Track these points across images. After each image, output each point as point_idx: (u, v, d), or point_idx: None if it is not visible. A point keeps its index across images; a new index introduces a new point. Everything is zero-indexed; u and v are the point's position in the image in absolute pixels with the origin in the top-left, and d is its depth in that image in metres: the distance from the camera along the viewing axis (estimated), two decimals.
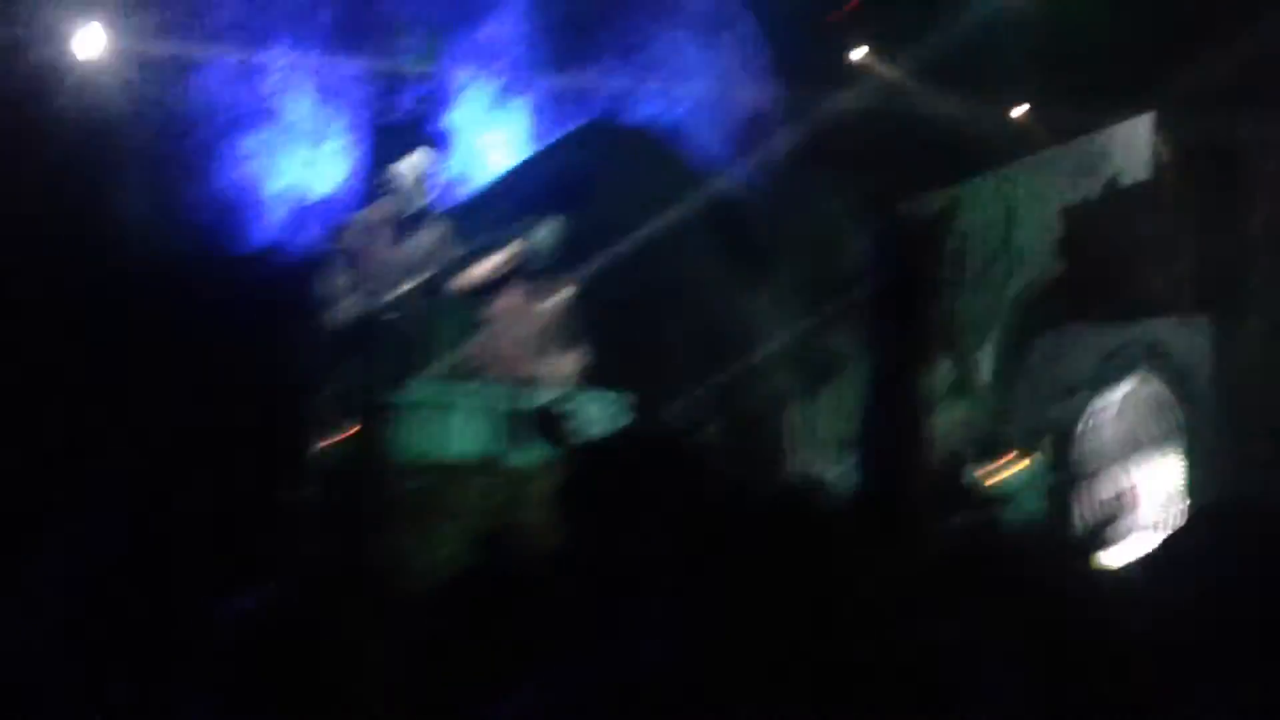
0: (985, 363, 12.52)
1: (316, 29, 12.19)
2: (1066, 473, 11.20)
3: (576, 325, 9.17)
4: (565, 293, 9.05)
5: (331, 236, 10.11)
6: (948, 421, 12.21)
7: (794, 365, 12.66)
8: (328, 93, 12.19)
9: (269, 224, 11.89)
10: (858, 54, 13.12)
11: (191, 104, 11.63)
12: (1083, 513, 11.01)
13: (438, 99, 11.96)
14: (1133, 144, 11.89)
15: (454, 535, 7.27)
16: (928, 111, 12.41)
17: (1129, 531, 10.74)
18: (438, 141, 11.57)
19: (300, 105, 12.09)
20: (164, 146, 11.01)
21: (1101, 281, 12.13)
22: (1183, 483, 11.15)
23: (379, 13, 12.20)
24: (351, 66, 12.20)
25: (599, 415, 8.47)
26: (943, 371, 12.50)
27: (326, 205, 12.00)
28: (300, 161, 12.05)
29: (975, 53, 12.56)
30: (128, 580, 4.05)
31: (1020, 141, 13.09)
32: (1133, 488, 11.50)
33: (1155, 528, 10.62)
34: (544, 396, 8.67)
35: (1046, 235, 12.52)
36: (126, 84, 10.47)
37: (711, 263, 12.59)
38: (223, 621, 2.28)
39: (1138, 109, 11.77)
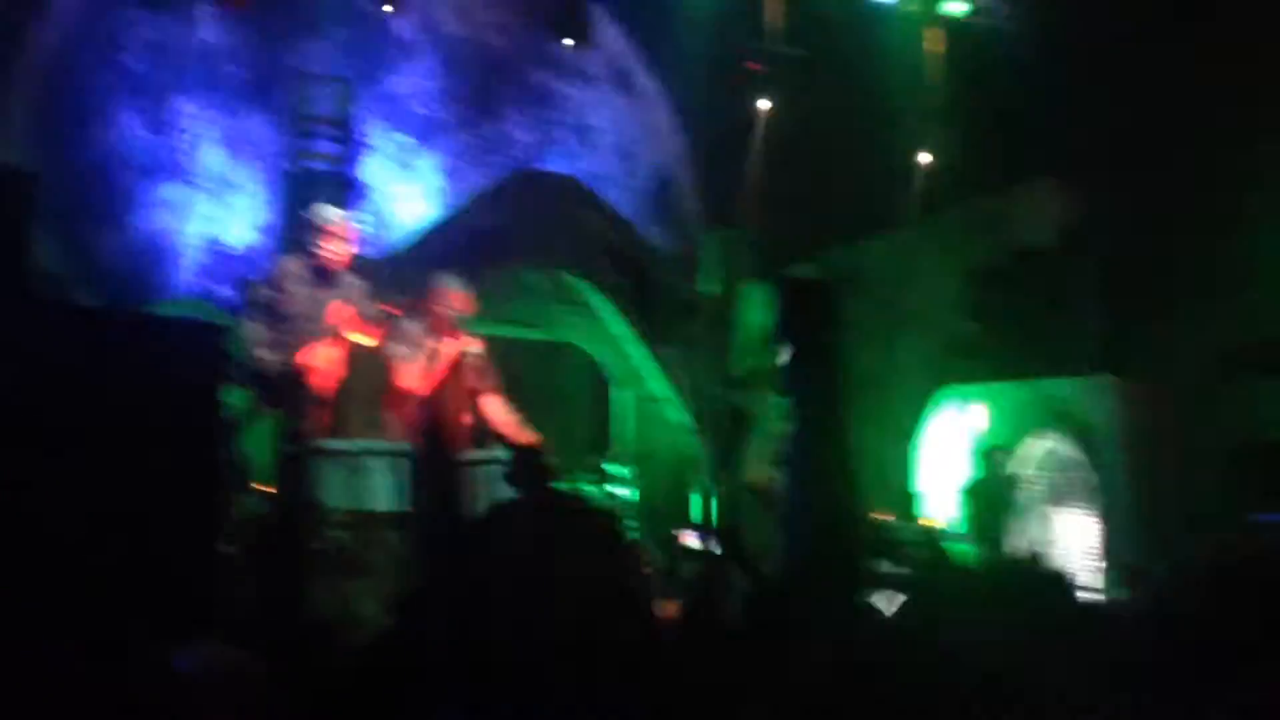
0: (891, 422, 12.63)
1: (229, 80, 12.15)
2: (976, 531, 11.32)
3: (489, 380, 9.13)
4: (477, 347, 8.99)
5: (245, 287, 10.01)
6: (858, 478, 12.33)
7: (707, 422, 12.70)
8: (240, 144, 12.13)
9: (182, 274, 11.78)
10: (759, 114, 13.27)
11: (107, 155, 11.53)
12: (996, 569, 11.10)
13: (350, 151, 11.94)
14: (1034, 205, 12.11)
15: (373, 589, 7.24)
16: (828, 171, 12.56)
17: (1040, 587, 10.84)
18: (351, 193, 11.55)
19: (213, 156, 12.02)
20: (79, 197, 10.90)
21: (1008, 342, 12.34)
22: (1095, 541, 11.32)
23: (291, 65, 12.18)
24: (264, 118, 12.17)
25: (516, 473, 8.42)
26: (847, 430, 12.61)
27: (239, 256, 11.91)
28: (213, 213, 11.97)
29: (876, 114, 12.79)
30: (54, 641, 3.97)
31: (921, 202, 13.31)
32: (1046, 544, 11.68)
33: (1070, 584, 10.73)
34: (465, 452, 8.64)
35: (951, 298, 12.67)
36: (40, 134, 10.38)
37: (622, 318, 12.62)
38: (156, 677, 2.26)
39: (1038, 171, 12.00)
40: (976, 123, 12.76)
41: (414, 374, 8.76)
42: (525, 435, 8.72)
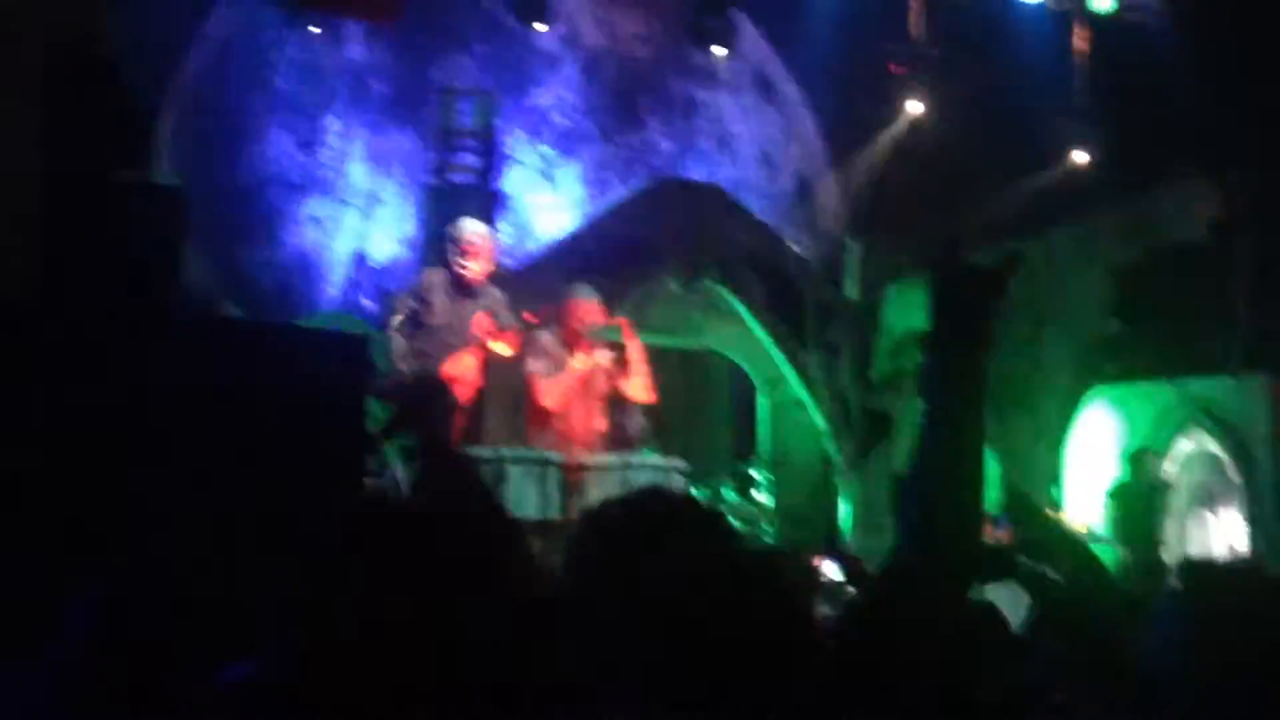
0: (1037, 424, 12.47)
1: (374, 97, 12.41)
2: (1121, 535, 11.13)
3: (631, 388, 9.23)
4: (608, 356, 9.09)
5: (388, 300, 10.24)
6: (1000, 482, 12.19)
7: (845, 427, 12.66)
8: (384, 159, 12.38)
9: (328, 288, 12.05)
10: (905, 115, 13.17)
11: (257, 173, 11.86)
12: (1138, 572, 10.93)
13: (493, 163, 12.11)
14: (1182, 205, 11.88)
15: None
16: (973, 173, 12.44)
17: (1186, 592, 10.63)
18: (493, 205, 11.71)
19: (358, 172, 12.28)
20: (230, 214, 11.22)
21: (1153, 341, 12.12)
22: (1243, 541, 11.10)
23: (435, 80, 12.40)
24: (408, 133, 12.40)
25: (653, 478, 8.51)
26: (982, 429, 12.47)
27: (383, 270, 12.16)
28: (358, 227, 12.23)
29: (1022, 115, 12.63)
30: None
31: (1069, 202, 13.11)
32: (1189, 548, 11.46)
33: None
34: (600, 458, 8.74)
35: (1096, 296, 12.48)
36: (193, 153, 10.71)
37: (763, 324, 12.64)
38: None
39: (1188, 167, 11.77)
40: (1124, 120, 12.55)
41: (550, 390, 8.90)
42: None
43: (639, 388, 9.09)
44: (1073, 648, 3.58)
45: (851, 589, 9.24)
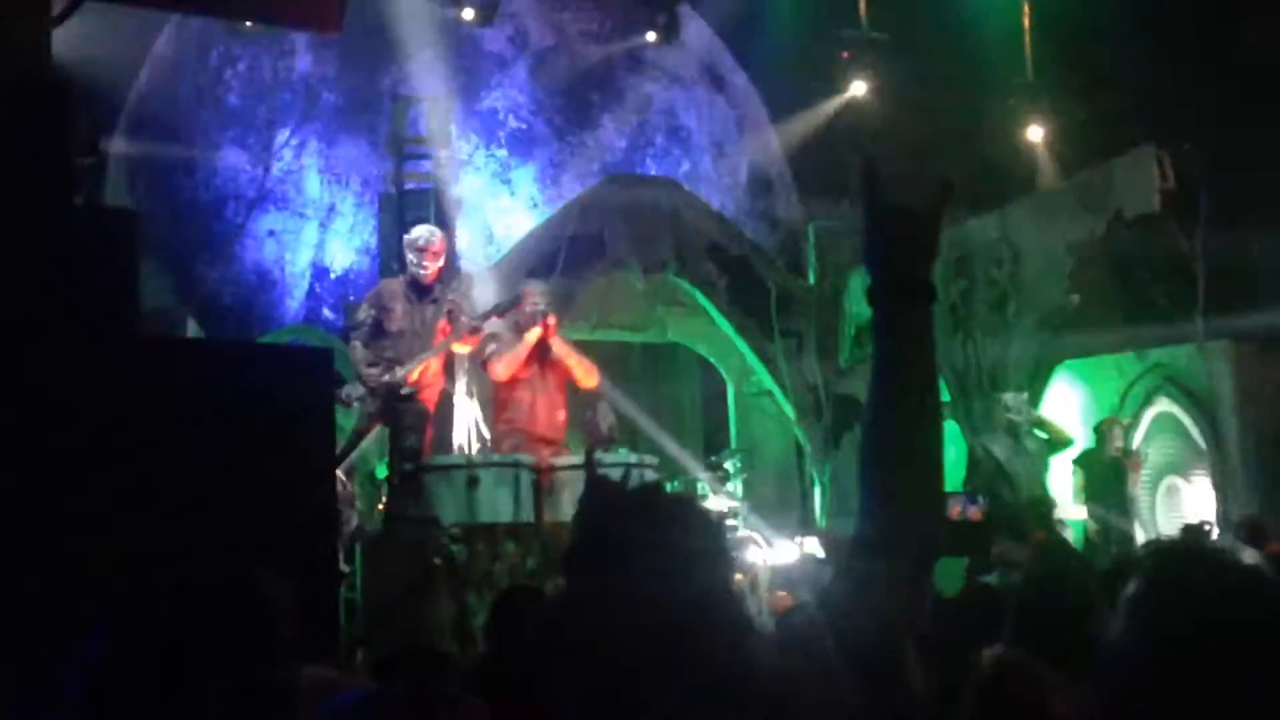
0: (1005, 399, 12.53)
1: (326, 108, 12.38)
2: (1090, 503, 11.21)
3: (598, 386, 9.26)
4: (581, 354, 9.13)
5: (348, 309, 10.23)
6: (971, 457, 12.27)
7: (815, 414, 12.70)
8: (339, 170, 12.36)
9: (289, 301, 12.03)
10: (854, 101, 13.21)
11: (211, 189, 11.82)
12: (1107, 542, 11.00)
13: (448, 169, 12.08)
14: (1135, 177, 11.94)
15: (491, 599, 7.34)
16: (927, 153, 12.48)
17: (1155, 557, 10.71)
18: (450, 211, 11.69)
19: (313, 184, 12.26)
20: (186, 233, 11.19)
21: (1115, 313, 12.19)
22: (1210, 506, 11.18)
23: (385, 88, 12.38)
24: (361, 142, 12.38)
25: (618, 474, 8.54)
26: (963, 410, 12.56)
27: (342, 279, 12.14)
28: (315, 239, 12.21)
29: (973, 94, 12.69)
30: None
31: (1023, 178, 13.18)
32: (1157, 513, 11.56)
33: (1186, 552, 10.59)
34: (571, 459, 8.75)
35: (1057, 271, 12.54)
36: (147, 172, 10.66)
37: (728, 316, 12.66)
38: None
39: (1140, 141, 11.83)
40: (1075, 95, 12.62)
41: (504, 361, 8.92)
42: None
43: (582, 371, 9.12)
44: (1044, 625, 3.61)
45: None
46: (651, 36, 13.51)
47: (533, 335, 8.90)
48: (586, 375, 9.16)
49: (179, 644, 2.17)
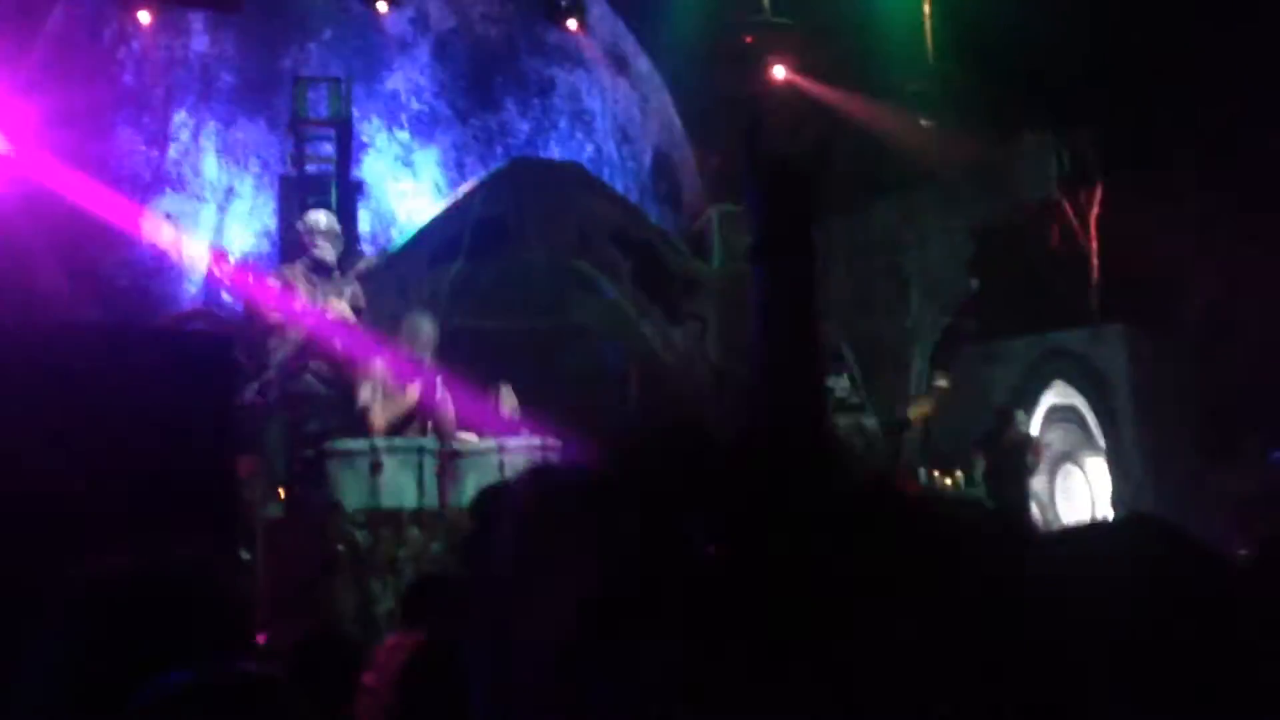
0: (909, 383, 12.65)
1: (224, 89, 12.19)
2: (989, 487, 11.32)
3: (499, 371, 9.22)
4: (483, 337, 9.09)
5: (248, 294, 10.09)
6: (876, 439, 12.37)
7: (719, 396, 12.73)
8: (238, 152, 12.18)
9: (187, 286, 11.84)
10: (756, 85, 13.22)
11: (104, 171, 11.59)
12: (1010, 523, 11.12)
13: (349, 151, 11.96)
14: (1033, 159, 12.09)
15: (396, 586, 7.29)
16: (833, 138, 12.53)
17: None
18: (352, 194, 11.59)
19: (212, 166, 12.07)
20: (80, 216, 10.96)
21: (1015, 297, 12.32)
22: (1104, 491, 11.34)
23: (285, 69, 12.21)
24: (261, 124, 12.21)
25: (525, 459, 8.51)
26: (859, 394, 12.64)
27: (242, 263, 11.97)
28: (215, 222, 12.03)
29: (874, 78, 12.76)
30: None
31: (925, 164, 13.28)
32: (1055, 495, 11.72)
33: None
34: (475, 443, 8.70)
35: (958, 255, 12.67)
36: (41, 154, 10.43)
37: (632, 299, 12.65)
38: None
39: (1039, 128, 11.98)
40: (976, 82, 12.73)
41: (378, 418, 8.71)
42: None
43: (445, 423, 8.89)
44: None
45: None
46: (573, 25, 13.45)
47: (412, 396, 8.71)
48: (449, 430, 8.92)
49: (140, 640, 2.11)
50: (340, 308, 8.79)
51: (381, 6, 12.28)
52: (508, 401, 9.57)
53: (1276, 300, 10.00)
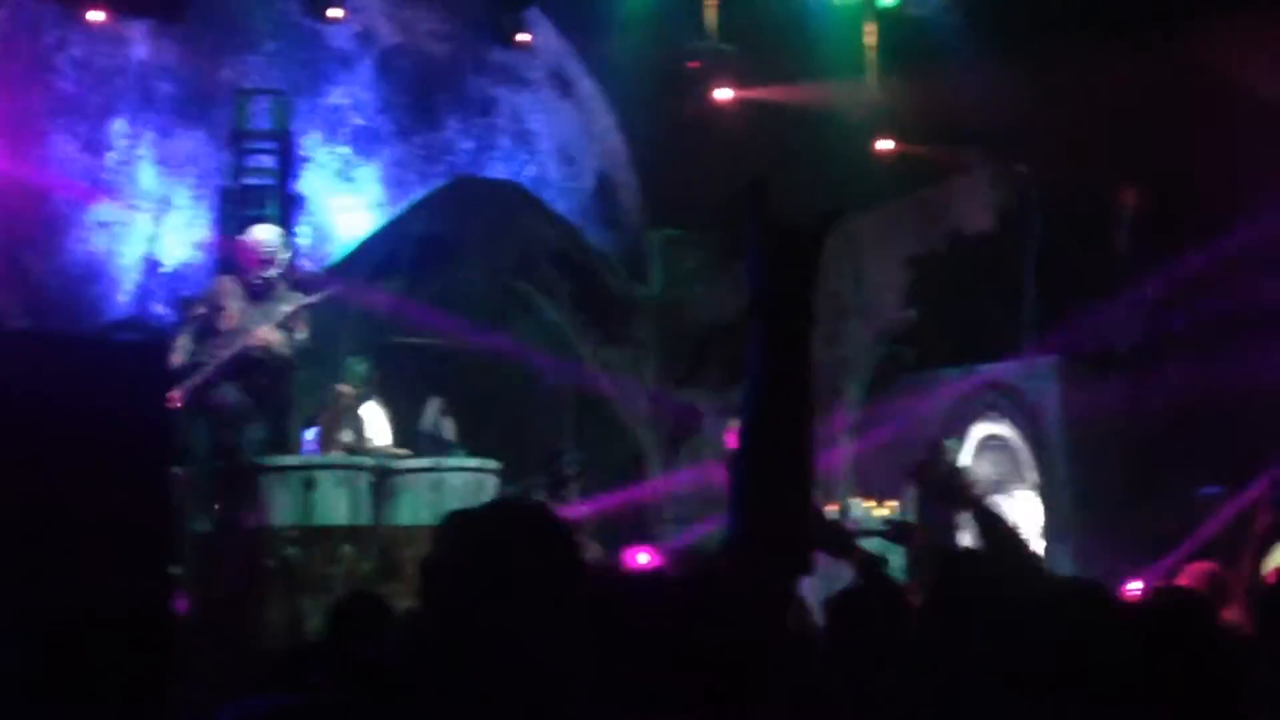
0: (838, 414, 12.68)
1: (163, 98, 12.06)
2: (921, 520, 11.36)
3: (438, 390, 9.18)
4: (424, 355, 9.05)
5: (182, 306, 9.98)
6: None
7: (654, 422, 12.73)
8: (176, 162, 12.05)
9: (120, 295, 11.69)
10: (700, 111, 13.24)
11: (40, 178, 11.43)
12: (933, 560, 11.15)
13: (289, 165, 11.86)
14: (972, 194, 12.19)
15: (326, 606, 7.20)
16: (772, 164, 12.55)
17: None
18: (290, 207, 11.49)
19: (149, 176, 11.93)
20: (13, 221, 10.81)
21: (950, 328, 12.42)
22: (1033, 523, 11.41)
23: (226, 80, 12.10)
24: (200, 135, 12.09)
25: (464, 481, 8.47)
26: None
27: (177, 275, 11.84)
28: (150, 232, 11.89)
29: (818, 107, 12.82)
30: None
31: (865, 194, 13.34)
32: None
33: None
34: (411, 462, 8.65)
35: (895, 285, 12.75)
36: None
37: (570, 321, 12.64)
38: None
39: (979, 161, 12.08)
40: (918, 113, 12.81)
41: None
42: None
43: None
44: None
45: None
46: (525, 38, 13.37)
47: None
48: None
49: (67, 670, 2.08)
50: (270, 338, 8.67)
51: (333, 14, 12.14)
52: (429, 417, 9.53)
53: (1205, 338, 10.13)
